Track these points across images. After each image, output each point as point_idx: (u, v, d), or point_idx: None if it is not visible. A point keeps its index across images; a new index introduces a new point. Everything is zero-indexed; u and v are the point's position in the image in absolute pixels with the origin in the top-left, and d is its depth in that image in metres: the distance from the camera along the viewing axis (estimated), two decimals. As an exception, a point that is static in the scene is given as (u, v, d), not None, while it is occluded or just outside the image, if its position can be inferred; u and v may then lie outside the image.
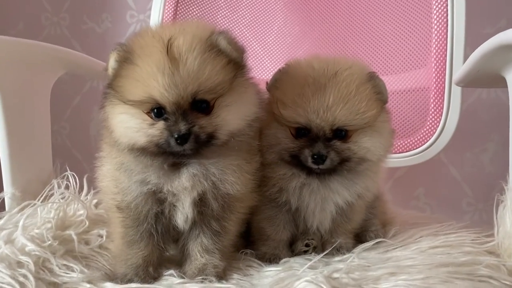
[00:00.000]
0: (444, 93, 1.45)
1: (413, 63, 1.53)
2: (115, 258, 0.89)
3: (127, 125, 0.80)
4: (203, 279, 0.82)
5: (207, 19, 1.77)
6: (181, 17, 1.72)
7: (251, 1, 1.78)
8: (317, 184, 0.96)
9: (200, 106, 0.78)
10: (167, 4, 1.69)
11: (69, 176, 1.14)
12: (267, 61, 1.77)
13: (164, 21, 1.68)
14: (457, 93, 1.43)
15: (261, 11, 1.78)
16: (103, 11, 2.25)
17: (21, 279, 0.75)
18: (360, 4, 1.65)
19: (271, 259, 0.97)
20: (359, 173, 0.97)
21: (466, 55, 1.30)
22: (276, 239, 1.01)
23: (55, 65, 1.25)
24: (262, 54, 1.78)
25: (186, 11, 1.73)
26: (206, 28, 0.82)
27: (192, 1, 1.74)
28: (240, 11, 1.79)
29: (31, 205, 1.04)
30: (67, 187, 1.12)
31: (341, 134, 0.91)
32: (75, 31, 2.28)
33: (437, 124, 1.47)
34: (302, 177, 0.96)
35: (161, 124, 0.78)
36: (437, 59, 1.45)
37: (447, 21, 1.43)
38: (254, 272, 0.89)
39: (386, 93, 0.95)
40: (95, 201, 1.15)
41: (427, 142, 1.49)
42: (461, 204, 2.03)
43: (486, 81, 1.09)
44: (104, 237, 0.97)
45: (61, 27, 2.29)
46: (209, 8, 1.77)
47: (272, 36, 1.78)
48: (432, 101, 1.47)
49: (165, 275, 0.84)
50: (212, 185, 0.84)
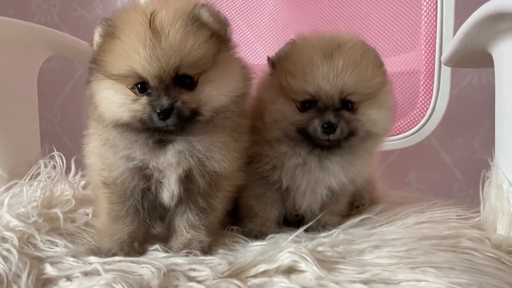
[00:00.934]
0: (433, 75, 1.46)
1: (403, 46, 1.53)
2: (101, 233, 0.89)
3: (111, 100, 0.79)
4: (188, 252, 0.82)
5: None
6: (171, 1, 1.71)
7: (242, -14, 1.78)
8: (314, 164, 0.96)
9: (183, 81, 0.78)
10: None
11: (56, 156, 1.13)
12: (259, 46, 1.76)
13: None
14: (447, 75, 1.44)
15: (252, -4, 1.78)
16: (94, -2, 2.24)
17: (5, 253, 0.74)
18: (350, -13, 1.65)
19: (258, 236, 0.97)
20: (357, 153, 0.98)
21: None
22: (264, 216, 1.02)
23: (43, 46, 1.24)
24: (253, 39, 1.77)
25: None
26: (189, 2, 0.81)
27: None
28: (231, -4, 1.78)
29: (18, 184, 1.03)
30: (54, 167, 1.11)
31: (348, 106, 0.92)
32: (65, 18, 2.27)
33: (427, 106, 1.48)
34: (302, 155, 0.96)
35: (144, 99, 0.77)
36: (427, 41, 1.45)
37: (437, 3, 1.43)
38: (239, 247, 0.89)
39: (383, 62, 0.97)
40: (83, 182, 1.15)
41: (417, 124, 1.50)
42: (453, 189, 2.04)
43: (474, 59, 1.09)
44: (90, 215, 0.96)
45: (51, 14, 2.27)
46: (199, -6, 1.76)
47: (263, 21, 1.78)
48: (422, 83, 1.48)
49: (150, 250, 0.84)
50: (198, 162, 0.84)
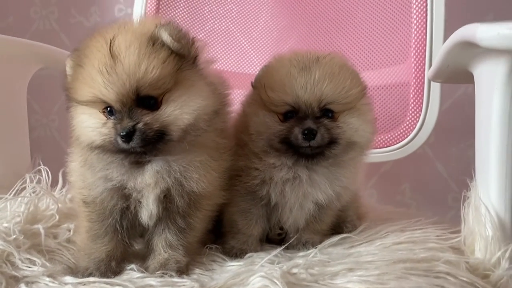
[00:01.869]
0: (423, 88, 1.45)
1: (394, 59, 1.54)
2: (80, 251, 0.90)
3: (85, 124, 0.81)
4: (163, 273, 0.82)
5: (192, 13, 1.76)
6: (164, 9, 1.72)
7: (238, -6, 1.78)
8: (303, 176, 0.97)
9: (148, 102, 0.78)
10: (150, -2, 1.69)
11: (42, 170, 1.15)
12: (253, 55, 1.77)
13: (147, 13, 1.68)
14: (436, 88, 1.44)
15: (247, 5, 1.78)
16: (91, 5, 2.25)
17: (-18, 272, 0.76)
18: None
19: (237, 254, 0.97)
20: (342, 165, 0.98)
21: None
22: (246, 233, 1.02)
23: (31, 60, 1.26)
24: (248, 48, 1.78)
25: (170, 6, 1.73)
26: (151, 23, 0.81)
27: (176, -6, 1.74)
28: (226, 5, 1.78)
29: (2, 199, 1.05)
30: (40, 182, 1.13)
31: (328, 115, 0.93)
32: (63, 25, 2.28)
33: (417, 119, 1.47)
34: (291, 168, 0.96)
35: (110, 122, 0.79)
36: (417, 55, 1.45)
37: (427, 17, 1.43)
38: (217, 267, 0.90)
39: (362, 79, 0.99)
40: (70, 195, 1.17)
41: (407, 137, 1.50)
42: (447, 199, 2.03)
43: (458, 76, 1.09)
44: (71, 231, 0.98)
45: (50, 21, 2.29)
46: (194, 2, 1.77)
47: (258, 30, 1.78)
48: (412, 96, 1.48)
49: (127, 270, 0.85)
50: (175, 182, 0.84)
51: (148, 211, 0.87)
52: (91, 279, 0.78)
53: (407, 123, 1.49)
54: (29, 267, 0.82)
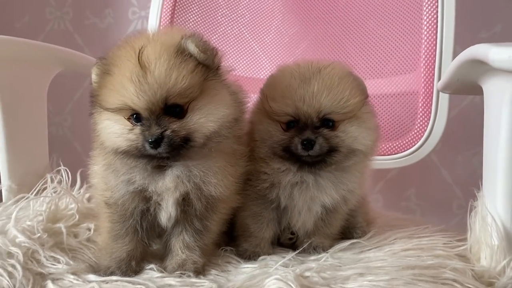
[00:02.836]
0: (432, 97, 1.48)
1: (404, 68, 1.56)
2: (101, 251, 0.94)
3: (110, 130, 0.84)
4: (181, 273, 0.86)
5: (206, 18, 1.80)
6: (179, 16, 1.75)
7: (250, 0, 1.81)
8: (309, 181, 1.00)
9: (174, 110, 0.82)
10: (166, 2, 1.73)
11: (62, 170, 1.19)
12: (265, 60, 1.80)
13: (162, 20, 1.72)
14: (445, 98, 1.46)
15: (260, 10, 1.81)
16: (106, 7, 2.30)
17: (10, 269, 0.80)
18: (355, 7, 1.68)
19: (251, 256, 1.01)
20: (347, 170, 1.02)
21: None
22: (258, 236, 1.05)
23: (52, 63, 1.30)
24: (260, 53, 1.81)
25: (184, 10, 1.77)
26: (177, 34, 0.85)
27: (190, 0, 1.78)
28: (239, 10, 1.81)
29: (25, 198, 1.09)
30: (60, 182, 1.17)
31: (329, 124, 0.97)
32: (78, 26, 2.33)
33: (425, 127, 1.50)
34: (293, 171, 1.00)
35: (138, 129, 0.82)
36: (426, 64, 1.47)
37: (437, 28, 1.46)
38: (232, 268, 0.93)
39: (365, 87, 1.02)
40: (88, 195, 1.20)
41: (415, 145, 1.52)
42: (452, 206, 2.06)
43: (468, 89, 1.12)
44: (92, 230, 1.01)
45: (64, 22, 2.34)
46: (208, 7, 1.81)
47: (270, 35, 1.81)
48: (420, 105, 1.50)
49: (146, 269, 0.89)
50: (194, 186, 0.88)
51: (167, 213, 0.91)
52: (114, 277, 0.82)
53: (416, 131, 1.51)
54: (54, 265, 0.86)
